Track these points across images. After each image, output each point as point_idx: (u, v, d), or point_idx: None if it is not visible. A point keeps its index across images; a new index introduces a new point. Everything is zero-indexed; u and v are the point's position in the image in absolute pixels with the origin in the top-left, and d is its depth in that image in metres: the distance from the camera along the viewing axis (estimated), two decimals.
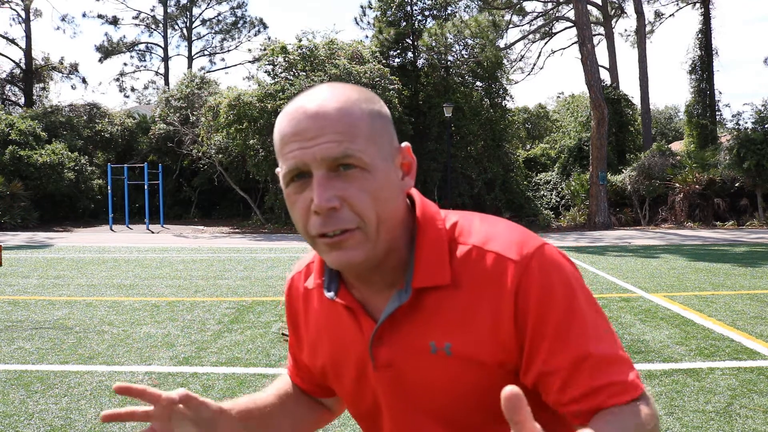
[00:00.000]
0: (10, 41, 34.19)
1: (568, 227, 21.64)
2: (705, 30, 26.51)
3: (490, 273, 0.87)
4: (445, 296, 0.89)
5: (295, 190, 0.85)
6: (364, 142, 0.83)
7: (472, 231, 0.91)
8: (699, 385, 4.00)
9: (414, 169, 0.92)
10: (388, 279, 0.91)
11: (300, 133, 0.83)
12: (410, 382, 0.92)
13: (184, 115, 25.79)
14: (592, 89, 20.91)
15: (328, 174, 0.82)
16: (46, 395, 3.84)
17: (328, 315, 0.99)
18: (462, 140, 23.16)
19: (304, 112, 0.83)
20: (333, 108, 0.83)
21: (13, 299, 7.18)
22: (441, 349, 0.88)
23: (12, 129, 23.34)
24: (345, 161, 0.82)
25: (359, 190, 0.82)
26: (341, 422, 3.42)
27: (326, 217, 0.82)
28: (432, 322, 0.89)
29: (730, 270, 9.64)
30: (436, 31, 22.48)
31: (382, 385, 0.94)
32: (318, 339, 1.02)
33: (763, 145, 20.23)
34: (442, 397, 0.91)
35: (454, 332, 0.88)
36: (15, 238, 17.30)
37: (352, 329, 0.95)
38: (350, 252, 0.84)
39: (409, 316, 0.90)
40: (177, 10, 41.47)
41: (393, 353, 0.92)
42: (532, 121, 38.97)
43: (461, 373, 0.88)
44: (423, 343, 0.89)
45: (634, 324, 5.80)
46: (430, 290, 0.89)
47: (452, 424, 0.93)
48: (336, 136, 0.82)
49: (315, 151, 0.82)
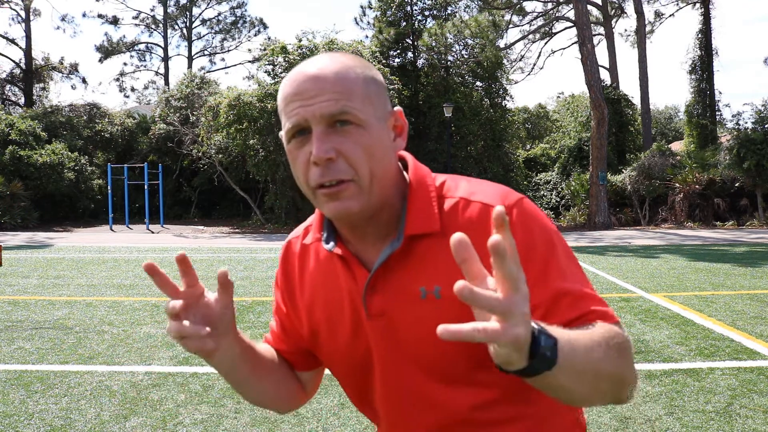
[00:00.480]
0: (10, 41, 34.23)
1: (568, 227, 21.64)
2: (705, 30, 26.51)
3: (476, 220, 0.94)
4: (435, 243, 0.95)
5: (297, 145, 0.93)
6: (360, 101, 0.91)
7: (459, 187, 0.99)
8: (699, 385, 4.00)
9: (406, 132, 0.99)
10: (381, 232, 0.98)
11: (301, 93, 0.91)
12: (402, 330, 0.96)
13: (184, 115, 25.79)
14: (592, 89, 20.91)
15: (326, 129, 0.90)
16: (46, 395, 3.84)
17: (324, 271, 1.04)
18: (462, 140, 23.16)
19: (305, 75, 0.92)
20: (331, 71, 0.92)
21: (13, 299, 7.18)
22: (431, 292, 0.94)
23: (12, 129, 23.34)
24: (342, 117, 0.90)
25: (354, 144, 0.90)
26: (341, 422, 3.42)
27: (324, 168, 0.90)
28: (422, 268, 0.95)
29: (730, 270, 9.64)
30: (436, 31, 22.49)
31: (375, 334, 0.99)
32: (313, 298, 1.06)
33: (763, 145, 20.23)
34: (431, 343, 0.93)
35: (443, 276, 0.94)
36: (15, 238, 17.30)
37: (347, 281, 1.00)
38: (347, 202, 0.91)
39: (401, 263, 0.96)
40: (177, 10, 41.48)
41: (385, 301, 0.97)
42: (532, 121, 38.98)
43: (450, 316, 0.89)
44: (414, 288, 0.95)
45: (634, 324, 5.80)
46: (421, 238, 0.96)
47: (438, 372, 0.97)
48: (334, 95, 0.90)
49: (314, 108, 0.90)
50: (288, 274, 1.11)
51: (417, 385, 0.98)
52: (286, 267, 1.11)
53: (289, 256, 1.11)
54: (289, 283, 1.11)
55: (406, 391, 0.99)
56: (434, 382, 0.97)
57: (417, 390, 0.98)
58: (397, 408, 1.02)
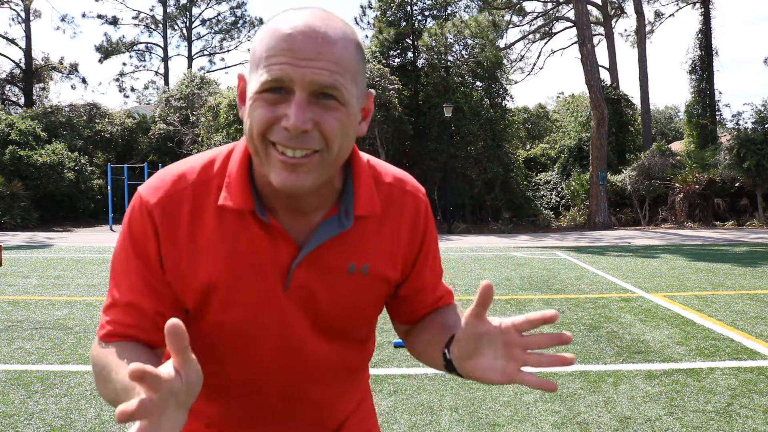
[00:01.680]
0: (10, 41, 34.18)
1: (568, 227, 21.64)
2: (705, 30, 26.50)
3: (407, 208, 1.05)
4: (373, 224, 1.01)
5: (267, 100, 0.86)
6: (351, 79, 0.87)
7: (385, 170, 1.07)
8: (699, 385, 4.00)
9: (369, 118, 0.98)
10: (314, 205, 0.97)
11: (295, 50, 0.84)
12: (321, 301, 1.00)
13: (184, 115, 25.79)
14: (592, 89, 20.90)
15: (308, 97, 0.85)
16: (46, 395, 3.84)
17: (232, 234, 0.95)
18: (462, 140, 23.14)
19: (300, 30, 0.84)
20: (333, 37, 0.86)
21: (13, 299, 7.18)
22: (359, 269, 1.00)
23: (12, 129, 23.33)
24: (329, 91, 0.85)
25: (333, 119, 0.86)
26: None
27: (295, 137, 0.85)
28: (357, 246, 1.00)
29: (730, 270, 9.64)
30: (436, 31, 22.49)
31: (289, 304, 0.99)
32: (206, 256, 0.95)
33: (763, 145, 20.23)
34: (347, 311, 1.03)
35: (373, 255, 1.01)
36: (15, 238, 17.30)
37: (264, 253, 0.96)
38: (303, 177, 0.87)
39: (337, 240, 0.98)
40: (177, 10, 41.46)
41: (311, 275, 0.98)
42: (532, 121, 38.96)
43: (369, 290, 1.03)
44: (343, 264, 0.99)
45: (634, 324, 5.80)
46: (362, 218, 1.00)
47: (341, 336, 1.06)
48: (330, 65, 0.84)
49: (305, 72, 0.83)
50: (170, 231, 0.95)
51: (308, 346, 1.03)
52: (170, 223, 0.95)
53: (174, 208, 0.95)
54: (174, 241, 0.95)
55: (295, 353, 1.03)
56: (326, 341, 1.04)
57: (306, 350, 1.03)
58: (277, 369, 1.03)
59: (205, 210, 0.96)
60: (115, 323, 0.96)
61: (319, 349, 1.04)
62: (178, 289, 0.97)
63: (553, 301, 7.01)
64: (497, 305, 6.76)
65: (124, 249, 0.97)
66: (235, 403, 1.07)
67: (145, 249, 0.95)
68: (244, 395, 1.06)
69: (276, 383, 1.05)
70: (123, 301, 0.96)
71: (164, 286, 0.96)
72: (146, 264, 0.95)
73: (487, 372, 0.89)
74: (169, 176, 0.97)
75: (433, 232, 1.11)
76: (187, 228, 0.95)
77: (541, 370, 4.22)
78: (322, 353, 1.05)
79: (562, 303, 6.91)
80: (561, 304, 6.81)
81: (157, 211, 0.95)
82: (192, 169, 0.98)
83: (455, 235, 19.27)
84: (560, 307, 6.63)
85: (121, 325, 0.95)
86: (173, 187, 0.96)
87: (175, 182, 0.96)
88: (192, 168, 0.98)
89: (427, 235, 1.08)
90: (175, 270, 0.96)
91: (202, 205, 0.96)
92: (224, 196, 0.94)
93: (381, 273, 1.03)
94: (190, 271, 0.96)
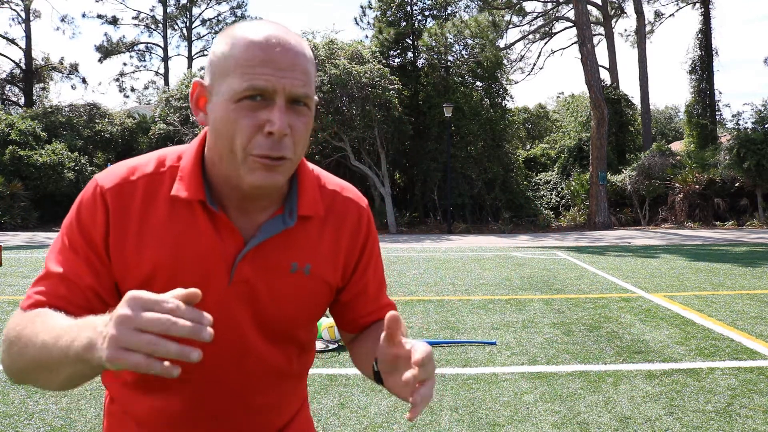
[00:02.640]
0: (10, 41, 34.20)
1: (568, 227, 21.64)
2: (705, 30, 26.51)
3: (349, 214, 1.11)
4: (315, 225, 1.07)
5: (247, 107, 0.92)
6: (312, 87, 0.97)
7: (329, 178, 1.13)
8: (699, 385, 4.00)
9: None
10: (263, 204, 1.02)
11: (273, 62, 0.91)
12: (261, 298, 1.03)
13: (184, 115, 25.79)
14: (592, 89, 20.91)
15: (286, 105, 0.93)
16: (46, 395, 3.84)
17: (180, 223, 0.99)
18: (462, 140, 23.14)
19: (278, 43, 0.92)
20: (300, 49, 0.95)
21: (13, 299, 7.18)
22: (301, 269, 1.05)
23: (12, 129, 23.34)
24: (303, 99, 0.94)
25: (302, 125, 0.95)
26: (341, 422, 3.42)
27: (277, 142, 0.92)
28: (299, 246, 1.05)
29: (730, 270, 9.64)
30: (436, 31, 22.49)
31: (231, 298, 1.01)
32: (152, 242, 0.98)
33: (763, 145, 20.24)
34: (287, 310, 1.06)
35: (315, 256, 1.06)
36: (15, 238, 17.30)
37: (210, 244, 0.99)
38: (277, 176, 0.95)
39: (280, 238, 1.03)
40: (177, 10, 41.47)
41: (254, 271, 1.01)
42: (532, 121, 38.95)
43: (311, 291, 1.07)
44: (286, 263, 1.04)
45: (634, 324, 5.80)
46: (306, 219, 1.06)
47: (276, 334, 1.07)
48: (303, 76, 0.94)
49: (286, 82, 0.92)
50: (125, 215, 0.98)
51: (248, 344, 1.04)
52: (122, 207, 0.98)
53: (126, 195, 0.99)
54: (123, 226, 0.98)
55: (235, 350, 1.04)
56: (266, 341, 1.06)
57: (246, 348, 1.05)
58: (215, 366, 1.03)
59: (157, 200, 1.00)
60: (45, 293, 0.96)
61: (259, 349, 1.06)
62: (120, 274, 0.99)
63: (553, 301, 7.01)
64: (497, 305, 6.76)
65: (69, 228, 1.00)
66: (170, 400, 1.05)
67: (92, 230, 0.98)
68: (178, 391, 1.04)
69: (215, 379, 1.04)
70: (57, 273, 0.97)
71: (104, 267, 0.98)
72: (89, 244, 0.98)
73: (399, 389, 0.93)
74: (125, 166, 1.02)
75: (375, 242, 1.17)
76: (138, 215, 0.99)
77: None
78: (262, 353, 1.06)
79: (562, 303, 6.91)
80: (561, 304, 6.81)
81: (110, 195, 0.99)
82: (147, 162, 1.03)
83: (455, 235, 19.27)
84: (560, 307, 6.63)
85: (52, 296, 0.95)
86: (128, 175, 1.01)
87: (130, 171, 1.01)
88: (147, 161, 1.03)
89: (368, 243, 1.14)
90: (119, 254, 0.98)
91: (154, 195, 1.00)
92: (177, 187, 0.99)
93: (322, 275, 1.07)
94: (135, 257, 0.98)
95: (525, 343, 5.13)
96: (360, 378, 4.15)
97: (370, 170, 21.14)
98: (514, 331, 5.56)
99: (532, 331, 5.56)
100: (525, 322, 5.93)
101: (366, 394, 3.83)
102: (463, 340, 5.18)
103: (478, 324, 5.83)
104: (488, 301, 7.03)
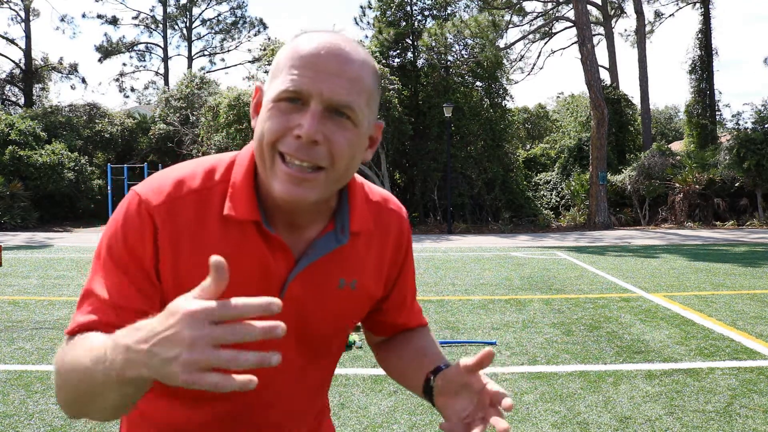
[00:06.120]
0: (9, 41, 34.18)
1: (568, 227, 21.63)
2: (705, 30, 26.51)
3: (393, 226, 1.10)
4: (365, 240, 1.05)
5: (284, 108, 0.88)
6: (365, 100, 0.91)
7: (372, 189, 1.10)
8: (699, 385, 4.00)
9: (375, 148, 1.01)
10: (310, 220, 0.99)
11: (316, 65, 0.87)
12: (308, 313, 1.02)
13: (184, 115, 25.79)
14: (592, 89, 20.91)
15: (323, 111, 0.88)
16: (46, 395, 3.83)
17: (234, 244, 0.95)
18: (462, 140, 23.14)
19: (325, 48, 0.89)
20: (353, 57, 0.90)
21: (13, 299, 7.18)
22: (348, 284, 1.03)
23: (12, 129, 23.33)
24: (344, 110, 0.88)
25: (343, 138, 0.89)
26: (341, 422, 3.41)
27: (304, 147, 0.87)
28: (348, 262, 1.03)
29: (730, 270, 9.64)
30: (436, 31, 22.47)
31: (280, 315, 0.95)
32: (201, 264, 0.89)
33: (763, 145, 20.24)
34: (332, 325, 1.05)
35: (362, 271, 1.05)
36: (15, 238, 17.30)
37: (263, 264, 0.96)
38: (307, 191, 0.89)
39: (332, 255, 1.01)
40: (177, 10, 41.45)
41: (304, 287, 1.00)
42: (532, 121, 38.95)
43: (354, 305, 1.06)
44: (335, 279, 1.02)
45: (634, 324, 5.80)
46: (354, 234, 1.03)
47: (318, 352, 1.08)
48: (348, 83, 0.88)
49: (324, 87, 0.87)
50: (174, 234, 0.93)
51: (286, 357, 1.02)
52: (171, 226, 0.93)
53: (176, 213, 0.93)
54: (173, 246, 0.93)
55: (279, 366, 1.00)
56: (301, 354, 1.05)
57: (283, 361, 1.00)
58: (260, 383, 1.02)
59: (207, 218, 0.94)
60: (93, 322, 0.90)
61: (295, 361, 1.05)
62: (169, 294, 0.93)
63: (553, 301, 7.01)
64: (497, 305, 6.76)
65: (112, 246, 0.93)
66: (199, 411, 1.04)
67: (140, 250, 0.92)
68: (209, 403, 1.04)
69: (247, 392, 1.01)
70: (104, 298, 0.91)
71: (154, 288, 0.93)
72: (138, 265, 0.92)
73: (457, 413, 0.96)
74: (170, 180, 0.96)
75: (412, 250, 1.18)
76: (188, 235, 0.93)
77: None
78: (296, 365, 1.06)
79: (562, 303, 6.90)
80: (561, 304, 6.81)
81: (158, 213, 0.93)
82: (193, 175, 0.96)
83: (455, 235, 19.27)
84: (560, 307, 6.63)
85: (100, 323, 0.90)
86: (175, 191, 0.94)
87: (176, 187, 0.95)
88: (193, 174, 0.96)
89: (408, 254, 1.15)
90: (169, 275, 0.93)
91: (205, 213, 0.94)
92: (229, 206, 0.94)
93: (367, 289, 1.07)
94: (189, 277, 0.93)
95: (525, 343, 5.13)
96: (360, 378, 4.14)
97: (369, 170, 21.14)
98: (514, 331, 5.56)
99: (532, 331, 5.56)
100: (525, 322, 5.92)
101: (366, 394, 3.82)
102: (463, 340, 5.19)
103: (478, 324, 5.83)
104: (488, 301, 7.02)
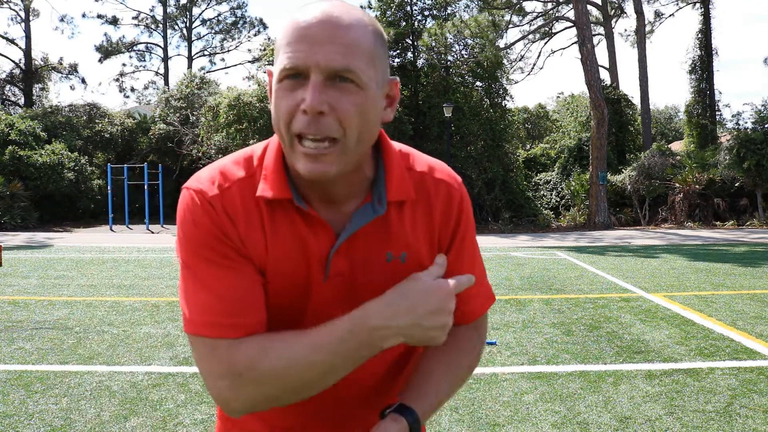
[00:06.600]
0: (9, 41, 34.18)
1: (568, 227, 21.63)
2: (705, 30, 26.51)
3: (441, 195, 1.04)
4: (408, 210, 1.01)
5: (288, 87, 0.88)
6: (366, 62, 0.88)
7: (418, 159, 1.06)
8: (699, 385, 4.00)
9: (395, 105, 0.99)
10: (347, 192, 0.98)
11: (308, 37, 0.86)
12: (359, 289, 0.99)
13: (184, 115, 25.80)
14: (592, 89, 20.91)
15: (324, 81, 0.87)
16: (46, 395, 3.84)
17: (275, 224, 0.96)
18: (462, 140, 23.14)
19: (316, 18, 0.87)
20: (346, 21, 0.88)
21: (13, 299, 7.18)
22: (397, 257, 1.00)
23: (12, 129, 23.33)
24: (344, 74, 0.87)
25: (349, 104, 0.87)
26: None
27: (312, 120, 0.86)
28: (393, 234, 1.00)
29: (730, 270, 9.64)
30: (436, 31, 22.46)
31: (328, 292, 0.99)
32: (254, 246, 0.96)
33: (763, 145, 20.23)
34: None
35: (410, 243, 1.01)
36: (15, 238, 17.30)
37: (305, 241, 0.96)
38: (326, 166, 0.89)
39: (372, 227, 0.98)
40: (177, 10, 41.45)
41: (349, 263, 0.98)
42: (532, 121, 38.95)
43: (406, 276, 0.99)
44: (380, 252, 0.99)
45: (634, 324, 5.80)
46: (397, 205, 1.00)
47: None
48: (343, 48, 0.86)
49: (319, 57, 0.86)
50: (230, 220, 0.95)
51: None
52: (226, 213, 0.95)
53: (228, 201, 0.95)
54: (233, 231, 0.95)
55: None
56: None
57: None
58: None
59: (252, 203, 0.97)
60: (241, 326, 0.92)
61: None
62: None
63: (553, 301, 7.01)
64: (497, 305, 6.76)
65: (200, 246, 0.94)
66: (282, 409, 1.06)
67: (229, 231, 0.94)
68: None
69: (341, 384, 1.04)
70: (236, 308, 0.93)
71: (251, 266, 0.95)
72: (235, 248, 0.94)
73: None
74: (216, 172, 0.98)
75: (470, 222, 1.09)
76: (241, 221, 0.95)
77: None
78: None
79: (562, 303, 6.90)
80: (561, 304, 6.81)
81: (216, 201, 0.95)
82: (235, 165, 0.99)
83: None
84: (560, 307, 6.63)
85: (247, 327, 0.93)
86: (224, 181, 0.96)
87: (222, 177, 0.97)
88: (235, 163, 1.00)
89: (461, 224, 1.06)
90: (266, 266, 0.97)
91: (249, 198, 0.97)
92: (262, 187, 0.96)
93: (418, 260, 1.02)
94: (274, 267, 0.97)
95: (525, 343, 5.13)
96: None
97: None
98: (514, 331, 5.56)
99: (532, 331, 5.56)
100: (525, 322, 5.92)
101: None
102: None
103: None
104: None
